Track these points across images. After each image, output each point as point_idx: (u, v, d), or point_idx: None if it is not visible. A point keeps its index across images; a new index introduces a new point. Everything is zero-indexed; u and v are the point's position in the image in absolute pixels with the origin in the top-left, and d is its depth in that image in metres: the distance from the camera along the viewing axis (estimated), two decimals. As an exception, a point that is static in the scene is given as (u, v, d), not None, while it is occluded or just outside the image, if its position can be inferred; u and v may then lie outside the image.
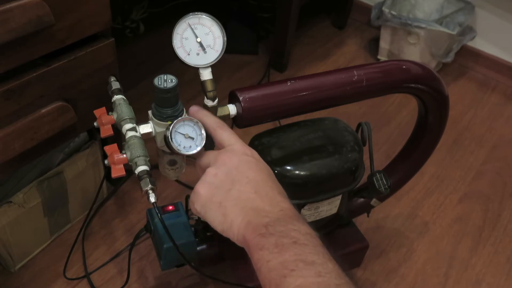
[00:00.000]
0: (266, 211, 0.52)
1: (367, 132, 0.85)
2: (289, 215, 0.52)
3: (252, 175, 0.55)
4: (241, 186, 0.54)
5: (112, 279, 1.01)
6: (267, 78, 1.58)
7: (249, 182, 0.54)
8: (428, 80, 0.79)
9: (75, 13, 0.77)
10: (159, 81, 0.63)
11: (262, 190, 0.54)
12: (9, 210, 0.90)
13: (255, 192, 0.54)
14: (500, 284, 1.09)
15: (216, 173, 0.56)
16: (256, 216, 0.51)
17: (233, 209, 0.53)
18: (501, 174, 1.35)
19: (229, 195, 0.54)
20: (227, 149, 0.58)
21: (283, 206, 0.53)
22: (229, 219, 0.53)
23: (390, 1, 1.62)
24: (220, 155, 0.57)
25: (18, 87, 0.75)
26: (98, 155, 1.04)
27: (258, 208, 0.52)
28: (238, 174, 0.55)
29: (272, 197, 0.54)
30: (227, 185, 0.54)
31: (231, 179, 0.55)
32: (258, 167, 0.56)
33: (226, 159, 0.56)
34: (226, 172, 0.55)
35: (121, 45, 0.92)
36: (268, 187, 0.55)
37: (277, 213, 0.52)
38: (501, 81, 1.70)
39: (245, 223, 0.51)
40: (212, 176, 0.56)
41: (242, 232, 0.51)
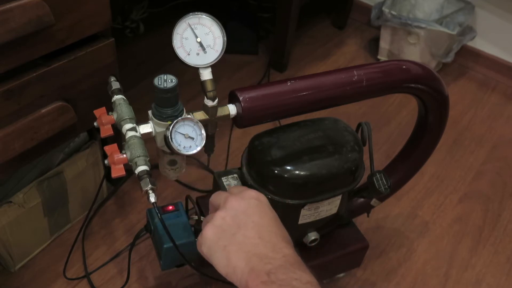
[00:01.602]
0: (269, 257, 0.53)
1: (367, 132, 0.85)
2: (291, 262, 0.53)
3: (257, 219, 0.57)
4: (247, 230, 0.55)
5: (112, 279, 1.01)
6: (267, 78, 1.58)
7: (254, 227, 0.56)
8: (428, 80, 0.79)
9: (75, 13, 0.77)
10: (159, 81, 0.63)
11: (266, 236, 0.55)
12: (9, 210, 0.90)
13: (259, 237, 0.55)
14: (500, 284, 1.09)
15: (224, 216, 0.57)
16: (259, 263, 0.52)
17: (237, 253, 0.54)
18: (501, 174, 1.35)
19: (234, 239, 0.55)
20: (236, 192, 0.61)
21: (286, 252, 0.54)
22: (232, 263, 0.54)
23: (390, 1, 1.62)
24: (230, 198, 0.59)
25: (18, 87, 0.75)
26: (98, 155, 1.04)
27: (261, 254, 0.53)
28: (245, 218, 0.56)
29: (275, 243, 0.55)
30: (233, 229, 0.56)
31: (237, 223, 0.56)
32: (264, 211, 0.58)
33: (234, 203, 0.58)
34: (233, 216, 0.57)
35: (121, 45, 0.92)
36: (272, 233, 0.56)
37: (280, 259, 0.52)
38: (501, 81, 1.70)
39: (248, 269, 0.52)
40: (220, 219, 0.57)
41: (246, 278, 0.52)
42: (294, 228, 0.84)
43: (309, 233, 0.86)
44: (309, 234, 0.86)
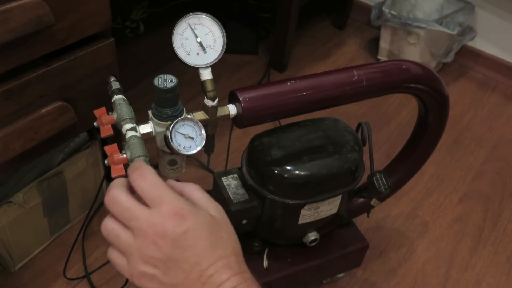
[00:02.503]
0: (223, 279, 0.44)
1: (367, 132, 0.85)
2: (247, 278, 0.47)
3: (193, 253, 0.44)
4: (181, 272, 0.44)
5: (112, 279, 1.01)
6: (267, 78, 1.58)
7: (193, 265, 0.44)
8: (428, 80, 0.79)
9: (75, 13, 0.77)
10: (159, 81, 0.63)
11: (206, 274, 0.44)
12: (9, 210, 0.90)
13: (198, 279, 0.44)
14: (500, 284, 1.09)
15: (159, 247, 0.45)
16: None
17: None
18: (501, 174, 1.35)
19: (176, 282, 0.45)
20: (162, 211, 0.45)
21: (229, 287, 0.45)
22: None
23: (390, 1, 1.62)
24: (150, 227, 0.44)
25: (18, 87, 0.75)
26: (98, 155, 1.04)
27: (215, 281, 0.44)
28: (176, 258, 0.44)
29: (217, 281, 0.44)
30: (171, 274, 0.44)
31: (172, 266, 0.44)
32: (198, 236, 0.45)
33: (157, 237, 0.44)
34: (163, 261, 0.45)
35: (121, 45, 0.92)
36: (213, 267, 0.45)
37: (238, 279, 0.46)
38: (501, 81, 1.70)
39: None
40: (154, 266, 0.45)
41: None
42: (294, 228, 0.85)
43: (309, 233, 0.86)
44: (309, 234, 0.86)
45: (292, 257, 0.90)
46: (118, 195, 0.46)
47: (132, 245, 0.45)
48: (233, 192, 0.81)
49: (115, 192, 0.46)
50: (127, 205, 0.45)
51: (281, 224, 0.85)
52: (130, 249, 0.45)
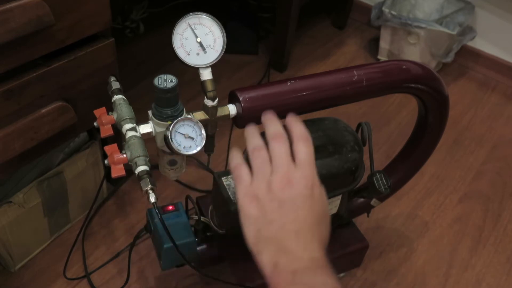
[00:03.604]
0: (296, 256, 0.50)
1: (367, 132, 0.85)
2: (318, 265, 0.51)
3: (302, 214, 0.52)
4: (287, 222, 0.52)
5: (112, 279, 1.01)
6: (267, 78, 1.58)
7: (295, 221, 0.52)
8: (428, 80, 0.79)
9: (75, 13, 0.77)
10: (159, 81, 0.63)
11: (303, 233, 0.52)
12: (9, 210, 0.90)
13: (295, 233, 0.52)
14: (500, 284, 1.09)
15: (272, 198, 0.53)
16: (286, 260, 0.50)
17: (266, 241, 0.52)
18: (501, 174, 1.35)
19: (270, 227, 0.52)
20: (297, 169, 0.54)
21: (315, 255, 0.51)
22: (260, 247, 0.52)
23: (390, 1, 1.62)
24: (278, 177, 0.53)
25: (18, 87, 0.75)
26: (98, 155, 1.04)
27: (291, 250, 0.51)
28: (291, 209, 0.52)
29: (308, 243, 0.52)
30: (274, 216, 0.52)
31: (280, 213, 0.52)
32: (313, 206, 0.53)
33: (287, 188, 0.53)
34: (282, 202, 0.52)
35: (121, 45, 0.92)
36: (310, 232, 0.52)
37: (307, 261, 0.50)
38: (501, 81, 1.70)
39: (273, 263, 0.50)
40: (268, 200, 0.53)
41: (270, 271, 0.50)
42: (294, 228, 0.84)
43: (309, 233, 0.86)
44: (309, 234, 0.86)
45: (292, 257, 0.90)
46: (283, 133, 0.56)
47: (267, 175, 0.53)
48: (233, 192, 0.81)
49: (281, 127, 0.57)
50: (285, 148, 0.55)
51: (281, 224, 0.85)
52: (263, 176, 0.53)
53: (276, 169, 0.53)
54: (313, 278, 0.49)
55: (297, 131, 0.56)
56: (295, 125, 0.57)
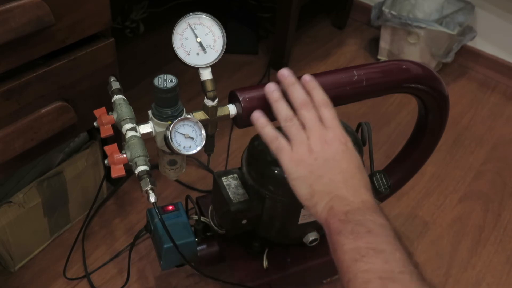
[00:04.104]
0: (349, 200, 0.58)
1: (367, 132, 0.85)
2: (368, 206, 0.58)
3: (345, 166, 0.60)
4: (333, 175, 0.60)
5: (112, 279, 1.01)
6: (267, 78, 1.58)
7: (341, 173, 0.60)
8: (428, 80, 0.79)
9: (75, 13, 0.77)
10: (159, 81, 0.63)
11: (350, 181, 0.59)
12: (9, 210, 0.90)
13: (343, 182, 0.59)
14: (500, 284, 1.09)
15: (316, 157, 0.60)
16: (339, 204, 0.57)
17: (320, 193, 0.59)
18: (501, 174, 1.35)
19: (320, 181, 0.59)
20: (329, 131, 0.61)
21: (364, 198, 0.58)
22: (314, 200, 0.59)
23: (390, 1, 1.62)
24: (322, 137, 0.61)
25: (18, 87, 0.75)
26: (98, 155, 1.04)
27: (343, 196, 0.58)
28: (334, 164, 0.60)
29: (357, 189, 0.59)
30: (322, 172, 0.60)
31: (326, 168, 0.60)
32: (351, 158, 0.61)
33: (326, 147, 0.60)
34: (325, 159, 0.60)
35: (121, 45, 0.92)
36: (356, 179, 0.60)
37: (358, 203, 0.57)
38: (501, 81, 1.70)
39: (328, 207, 0.58)
40: (313, 160, 0.60)
41: (325, 215, 0.58)
42: (294, 228, 0.84)
43: (309, 233, 0.86)
44: (309, 234, 0.86)
45: (292, 257, 0.90)
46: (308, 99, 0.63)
47: (305, 140, 0.60)
48: (233, 192, 0.81)
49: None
50: (314, 113, 0.62)
51: (281, 224, 0.85)
52: (301, 142, 0.60)
53: (311, 133, 0.61)
54: (363, 216, 0.56)
55: (318, 97, 0.63)
56: (315, 91, 0.64)
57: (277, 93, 0.64)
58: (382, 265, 0.51)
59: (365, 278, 0.51)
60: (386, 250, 0.53)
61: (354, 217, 0.56)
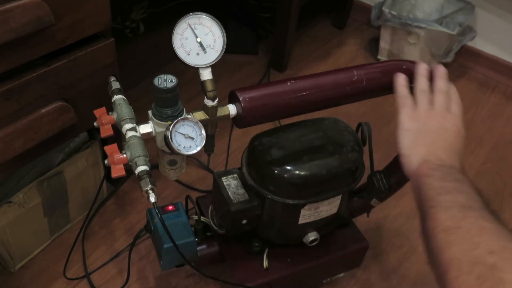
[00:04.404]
0: (443, 159, 0.65)
1: (367, 132, 0.85)
2: (459, 169, 0.65)
3: (451, 139, 0.68)
4: (438, 140, 0.67)
5: (112, 279, 1.01)
6: (267, 78, 1.58)
7: (446, 141, 0.68)
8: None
9: (75, 13, 0.77)
10: (159, 81, 0.63)
11: (449, 152, 0.67)
12: (9, 210, 0.90)
13: (443, 148, 0.67)
14: (500, 284, 1.09)
15: (430, 123, 0.69)
16: (434, 159, 0.65)
17: (421, 147, 0.67)
18: (501, 174, 1.35)
19: (425, 139, 0.68)
20: (451, 115, 0.70)
21: (456, 166, 0.65)
22: (414, 150, 0.67)
23: (390, 1, 1.62)
24: (443, 116, 0.70)
25: (18, 87, 0.75)
26: (98, 155, 1.04)
27: (439, 156, 0.65)
28: (443, 133, 0.68)
29: (452, 157, 0.66)
30: (429, 134, 0.68)
31: (435, 133, 0.68)
32: (458, 138, 0.69)
33: (445, 122, 0.69)
34: (437, 128, 0.68)
35: (121, 45, 0.92)
36: (455, 153, 0.67)
37: (451, 165, 0.65)
38: (501, 81, 1.70)
39: (423, 160, 0.65)
40: (427, 123, 0.69)
41: (416, 164, 0.65)
42: (294, 228, 0.84)
43: (309, 233, 0.86)
44: (309, 234, 0.86)
45: (292, 257, 0.90)
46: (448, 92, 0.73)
47: (428, 108, 0.70)
48: (233, 192, 0.81)
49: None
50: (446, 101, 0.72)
51: (281, 224, 0.85)
52: (424, 108, 0.70)
53: (436, 108, 0.70)
54: (453, 170, 0.64)
55: (455, 96, 0.73)
56: (452, 92, 0.73)
57: (425, 71, 0.73)
58: (464, 200, 0.58)
59: (448, 205, 0.58)
60: (469, 192, 0.60)
61: (444, 168, 0.63)
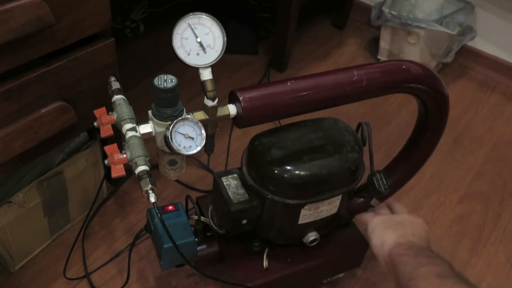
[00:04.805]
0: (414, 242, 0.72)
1: (367, 132, 0.85)
2: (429, 250, 0.71)
3: (418, 229, 0.76)
4: (405, 229, 0.75)
5: (112, 279, 1.01)
6: (267, 78, 1.58)
7: (413, 229, 0.75)
8: (428, 80, 0.79)
9: (75, 13, 0.77)
10: (159, 81, 0.63)
11: (418, 237, 0.74)
12: (9, 210, 0.90)
13: (412, 233, 0.74)
14: (500, 284, 1.09)
15: (396, 218, 0.80)
16: (406, 241, 0.72)
17: (390, 235, 0.74)
18: (501, 174, 1.35)
19: (393, 227, 0.76)
20: (414, 214, 0.81)
21: (427, 246, 0.72)
22: (384, 238, 0.74)
23: (390, 1, 1.62)
24: (409, 214, 0.81)
25: (18, 87, 0.75)
26: (98, 155, 1.04)
27: (410, 239, 0.73)
28: (409, 224, 0.77)
29: (422, 242, 0.73)
30: (396, 224, 0.77)
31: (400, 224, 0.77)
32: (425, 230, 0.77)
33: (409, 216, 0.79)
34: (404, 219, 0.78)
35: (121, 45, 0.92)
36: (424, 239, 0.74)
37: (422, 246, 0.72)
38: (501, 81, 1.70)
39: (395, 244, 0.72)
40: (393, 218, 0.80)
41: (389, 248, 0.72)
42: (294, 228, 0.85)
43: (309, 233, 0.86)
44: (309, 234, 0.86)
45: (292, 257, 0.90)
46: None
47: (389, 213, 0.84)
48: (233, 192, 0.81)
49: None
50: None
51: (281, 224, 0.85)
52: (386, 212, 0.85)
53: (398, 211, 0.85)
54: (424, 249, 0.70)
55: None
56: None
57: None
58: (439, 271, 0.63)
59: (425, 275, 0.63)
60: (443, 264, 0.65)
61: (416, 247, 0.70)
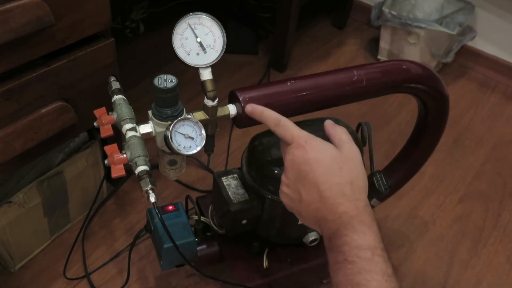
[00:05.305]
0: (329, 221, 0.57)
1: (367, 132, 0.85)
2: (345, 222, 0.55)
3: (313, 177, 0.58)
4: (308, 194, 0.58)
5: (112, 279, 1.01)
6: (267, 78, 1.58)
7: (313, 188, 0.57)
8: (428, 80, 0.79)
9: (75, 13, 0.77)
10: (159, 81, 0.63)
11: (324, 195, 0.57)
12: (9, 210, 0.90)
13: (319, 201, 0.57)
14: (500, 284, 1.09)
15: (288, 183, 0.61)
16: (324, 228, 0.57)
17: (308, 219, 0.60)
18: (501, 174, 1.35)
19: (301, 207, 0.59)
20: (293, 146, 0.60)
21: (341, 211, 0.56)
22: (311, 226, 0.61)
23: (390, 1, 1.62)
24: (288, 155, 0.60)
25: (18, 87, 0.75)
26: (98, 155, 1.04)
27: (324, 218, 0.57)
28: (304, 180, 0.58)
29: (332, 203, 0.57)
30: (298, 196, 0.59)
31: (299, 189, 0.59)
32: (318, 163, 0.58)
33: (290, 165, 0.60)
34: (294, 180, 0.59)
35: (121, 45, 0.92)
36: (328, 191, 0.57)
37: (336, 222, 0.56)
38: (501, 81, 1.70)
39: (321, 231, 0.58)
40: (286, 187, 0.61)
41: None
42: (294, 228, 0.84)
43: (309, 233, 0.86)
44: (309, 234, 0.86)
45: (292, 257, 0.90)
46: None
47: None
48: (233, 192, 0.81)
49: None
50: None
51: (281, 224, 0.85)
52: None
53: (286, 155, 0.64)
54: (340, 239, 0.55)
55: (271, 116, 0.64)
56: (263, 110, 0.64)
57: None
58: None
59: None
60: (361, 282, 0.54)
61: (335, 242, 0.56)
